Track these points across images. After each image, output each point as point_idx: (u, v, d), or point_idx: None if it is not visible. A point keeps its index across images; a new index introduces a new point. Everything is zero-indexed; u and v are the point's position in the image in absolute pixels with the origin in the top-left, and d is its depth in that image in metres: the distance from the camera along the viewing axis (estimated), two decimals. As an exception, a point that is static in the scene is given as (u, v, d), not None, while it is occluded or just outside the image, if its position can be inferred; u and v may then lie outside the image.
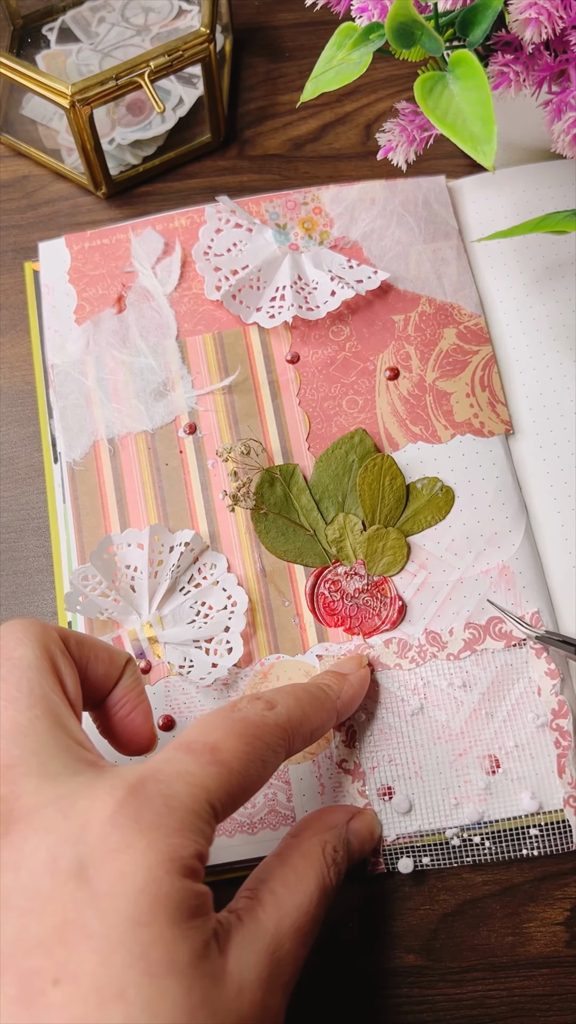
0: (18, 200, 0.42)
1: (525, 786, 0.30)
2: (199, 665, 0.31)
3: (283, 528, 0.33)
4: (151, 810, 0.19)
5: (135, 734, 0.26)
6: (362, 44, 0.28)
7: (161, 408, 0.35)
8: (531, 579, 0.32)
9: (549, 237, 0.37)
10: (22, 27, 0.45)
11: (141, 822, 0.19)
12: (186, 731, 0.23)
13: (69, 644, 0.25)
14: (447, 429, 0.35)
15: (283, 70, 0.44)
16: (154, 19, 0.44)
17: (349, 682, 0.29)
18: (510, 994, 0.29)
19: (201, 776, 0.21)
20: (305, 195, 0.39)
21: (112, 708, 0.26)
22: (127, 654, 0.27)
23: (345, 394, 0.35)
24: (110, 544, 0.33)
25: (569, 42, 0.27)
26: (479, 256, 0.38)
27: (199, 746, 0.22)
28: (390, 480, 0.34)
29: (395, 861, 0.30)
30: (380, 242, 0.38)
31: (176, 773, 0.21)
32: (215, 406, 0.36)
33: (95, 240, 0.39)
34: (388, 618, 0.32)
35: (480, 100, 0.25)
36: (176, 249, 0.38)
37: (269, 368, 0.36)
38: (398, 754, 0.31)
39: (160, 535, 0.33)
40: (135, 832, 0.19)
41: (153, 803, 0.20)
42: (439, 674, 0.31)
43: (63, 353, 0.37)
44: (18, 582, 0.35)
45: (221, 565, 0.33)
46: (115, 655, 0.26)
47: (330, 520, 0.33)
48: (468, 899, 0.30)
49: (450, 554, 0.33)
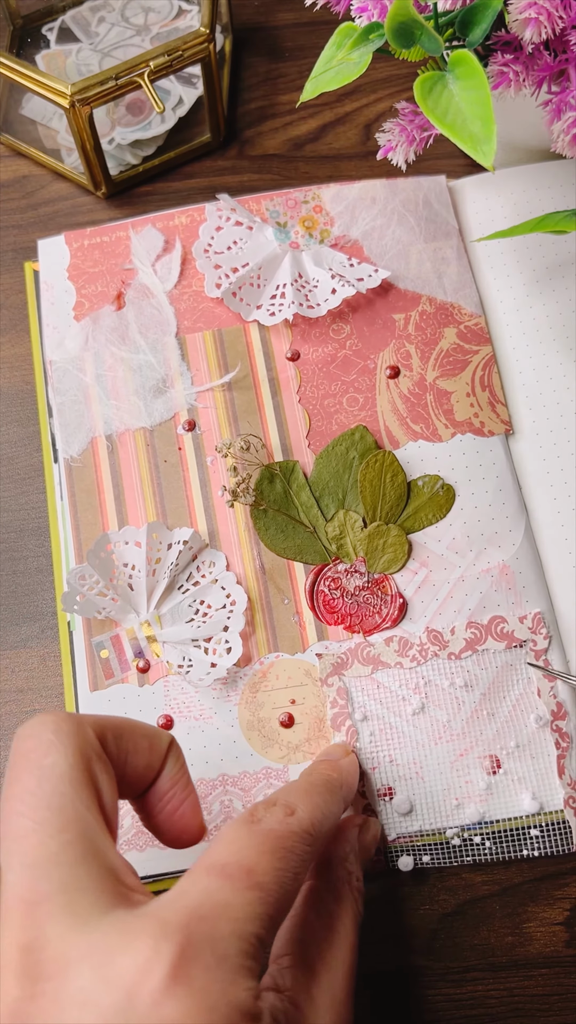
0: (18, 200, 0.42)
1: (526, 787, 0.30)
2: (198, 664, 0.31)
3: (283, 525, 0.33)
4: (202, 966, 0.18)
5: (184, 831, 0.24)
6: (362, 44, 0.28)
7: (160, 405, 0.35)
8: (531, 579, 0.32)
9: (549, 237, 0.38)
10: (22, 27, 0.45)
11: (194, 985, 0.17)
12: (213, 848, 0.21)
13: (107, 741, 0.22)
14: (447, 428, 0.35)
15: (283, 70, 0.44)
16: (154, 19, 0.44)
17: (345, 769, 0.28)
18: (510, 994, 0.29)
19: (243, 907, 0.19)
20: (306, 194, 0.39)
21: (157, 803, 0.24)
22: (169, 736, 0.24)
23: (345, 392, 0.35)
24: (108, 542, 0.33)
25: (569, 42, 0.27)
26: (479, 256, 0.38)
27: (234, 870, 0.20)
28: (391, 477, 0.34)
29: (395, 859, 0.30)
30: (380, 241, 0.38)
31: (218, 909, 0.19)
32: (214, 403, 0.35)
33: (95, 237, 0.39)
34: (389, 616, 0.32)
35: (480, 100, 0.26)
36: (176, 246, 0.38)
37: (269, 365, 0.36)
38: (399, 754, 0.31)
39: (158, 533, 0.33)
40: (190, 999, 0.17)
41: (203, 958, 0.18)
42: (440, 673, 0.31)
43: (62, 349, 0.37)
44: (18, 582, 0.35)
45: (220, 563, 0.33)
46: (156, 742, 0.24)
47: (330, 517, 0.33)
48: (468, 899, 0.30)
49: (451, 552, 0.33)
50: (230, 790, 0.30)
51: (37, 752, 0.20)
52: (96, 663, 0.32)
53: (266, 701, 0.31)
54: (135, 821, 0.30)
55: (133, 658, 0.32)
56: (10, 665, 0.34)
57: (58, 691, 0.33)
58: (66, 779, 0.20)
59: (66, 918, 0.18)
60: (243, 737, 0.31)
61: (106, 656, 0.32)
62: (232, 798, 0.30)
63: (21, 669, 0.34)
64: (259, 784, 0.30)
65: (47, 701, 0.33)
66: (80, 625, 0.32)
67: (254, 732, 0.31)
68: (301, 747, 0.31)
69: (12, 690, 0.33)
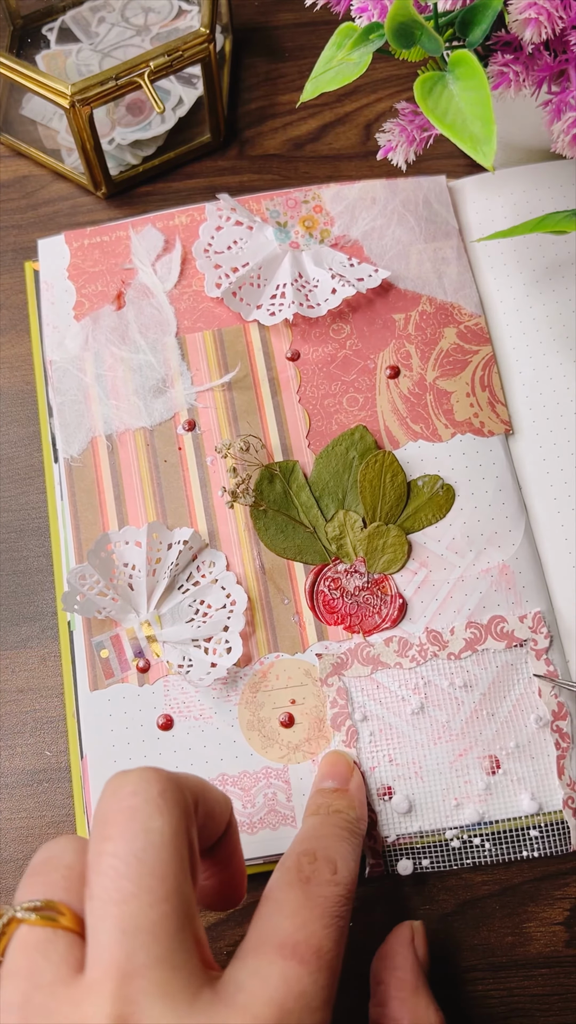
0: (18, 200, 0.42)
1: (525, 787, 0.30)
2: (198, 664, 0.31)
3: (283, 525, 0.33)
4: None
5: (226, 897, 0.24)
6: (362, 44, 0.28)
7: (160, 405, 0.35)
8: (531, 579, 0.32)
9: (549, 237, 0.38)
10: (22, 27, 0.45)
11: None
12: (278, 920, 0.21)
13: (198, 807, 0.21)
14: (447, 428, 0.35)
15: (283, 70, 0.44)
16: (154, 19, 0.44)
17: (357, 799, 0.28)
18: (510, 994, 0.29)
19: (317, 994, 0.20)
20: (306, 193, 0.39)
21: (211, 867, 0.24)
22: (230, 804, 0.24)
23: (345, 392, 0.35)
24: (108, 542, 0.33)
25: (569, 42, 0.27)
26: (479, 256, 0.38)
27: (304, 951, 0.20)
28: (391, 477, 0.34)
29: (394, 863, 0.30)
30: (381, 241, 0.38)
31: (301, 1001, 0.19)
32: (214, 403, 0.35)
33: (95, 237, 0.39)
34: (388, 616, 0.32)
35: (480, 100, 0.25)
36: (176, 246, 0.38)
37: (269, 365, 0.36)
38: (398, 754, 0.31)
39: (158, 533, 0.33)
40: None
41: None
42: (440, 673, 0.31)
43: (61, 349, 0.37)
44: (18, 582, 0.35)
45: (220, 563, 0.33)
46: (224, 807, 0.23)
47: (330, 517, 0.33)
48: (468, 899, 0.30)
49: (451, 552, 0.33)
50: (230, 790, 0.30)
51: (144, 813, 0.20)
52: (96, 662, 0.32)
53: (266, 701, 0.31)
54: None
55: (133, 658, 0.32)
56: (10, 665, 0.34)
57: (58, 691, 0.33)
58: (170, 846, 0.19)
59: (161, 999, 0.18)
60: (243, 737, 0.31)
61: (106, 656, 0.32)
62: (232, 798, 0.30)
63: (21, 669, 0.34)
64: (259, 784, 0.30)
65: (47, 701, 0.33)
66: (80, 625, 0.32)
67: (254, 732, 0.31)
68: (301, 747, 0.31)
69: (12, 690, 0.34)
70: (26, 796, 0.32)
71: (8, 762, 0.33)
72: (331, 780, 0.29)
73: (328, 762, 0.30)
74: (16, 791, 0.32)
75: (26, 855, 0.31)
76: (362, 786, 0.30)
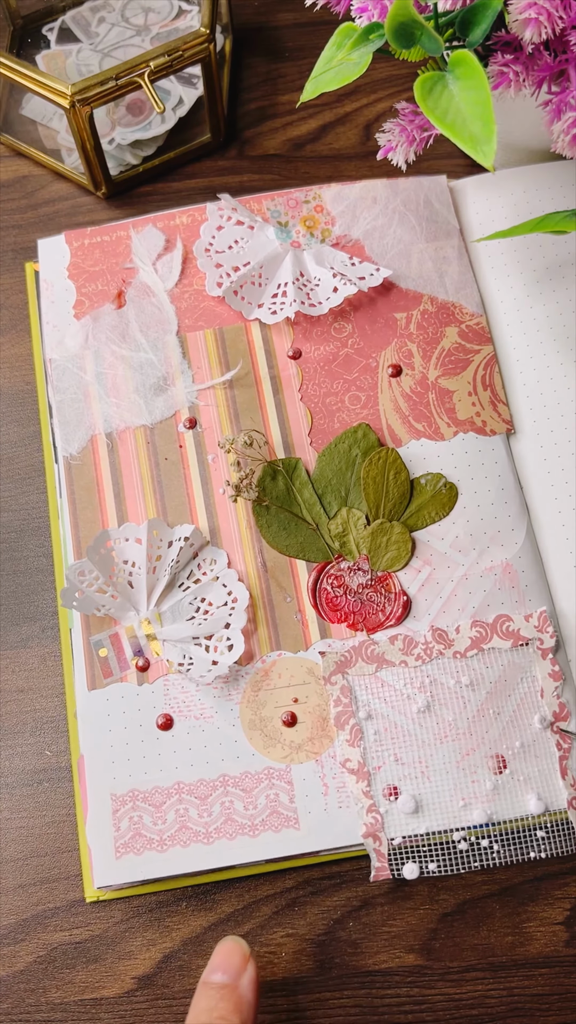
0: (18, 200, 0.42)
1: (531, 787, 0.30)
2: (199, 662, 0.31)
3: (285, 522, 0.33)
4: None
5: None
6: (362, 44, 0.28)
7: (161, 403, 0.35)
8: (533, 578, 0.32)
9: (549, 237, 0.38)
10: (22, 27, 0.45)
11: None
12: None
13: None
14: (450, 427, 0.35)
15: (283, 70, 0.44)
16: (154, 19, 0.44)
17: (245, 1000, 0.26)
18: (510, 994, 0.29)
19: None
20: (307, 193, 0.39)
21: None
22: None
23: (347, 390, 0.35)
24: (107, 539, 0.32)
25: (569, 42, 0.27)
26: (480, 256, 0.38)
27: None
28: (395, 474, 0.34)
29: (400, 866, 0.29)
30: (382, 240, 0.38)
31: None
32: (215, 401, 0.35)
33: (95, 237, 0.39)
34: (393, 614, 0.32)
35: (480, 100, 0.26)
36: (177, 246, 0.38)
37: (271, 364, 0.36)
38: (404, 753, 0.30)
39: (159, 530, 0.33)
40: None
41: None
42: (446, 672, 0.31)
43: (61, 348, 0.36)
44: (18, 582, 0.35)
45: (221, 560, 0.33)
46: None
47: (333, 514, 0.33)
48: (468, 899, 0.30)
49: (454, 551, 0.33)
50: (231, 791, 0.30)
51: None
52: (94, 661, 0.32)
53: (268, 700, 0.31)
54: (132, 823, 0.30)
55: (132, 656, 0.32)
56: (10, 665, 0.34)
57: (58, 691, 0.33)
58: None
59: None
60: (244, 736, 0.31)
61: (105, 655, 0.32)
62: (233, 799, 0.30)
63: (21, 669, 0.34)
64: (260, 784, 0.30)
65: (47, 701, 0.33)
66: (78, 623, 0.32)
67: (256, 731, 0.31)
68: (304, 746, 0.31)
69: (12, 690, 0.33)
70: (26, 796, 0.32)
71: (8, 762, 0.32)
72: (221, 972, 0.27)
73: (222, 952, 0.27)
74: (16, 791, 0.32)
75: (26, 855, 0.31)
76: (254, 981, 0.27)
